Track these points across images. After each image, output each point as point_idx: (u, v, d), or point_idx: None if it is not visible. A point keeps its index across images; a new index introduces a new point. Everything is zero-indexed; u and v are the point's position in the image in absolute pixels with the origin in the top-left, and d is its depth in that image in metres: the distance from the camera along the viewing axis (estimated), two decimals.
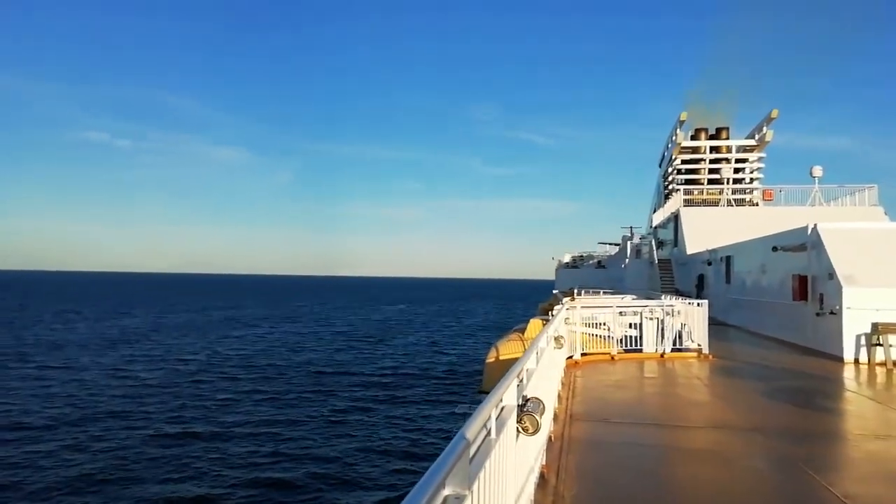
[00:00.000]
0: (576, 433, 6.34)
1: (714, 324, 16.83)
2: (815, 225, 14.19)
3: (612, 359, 12.06)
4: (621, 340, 12.46)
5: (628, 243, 39.30)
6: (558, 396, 7.46)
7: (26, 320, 53.03)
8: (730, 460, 5.68)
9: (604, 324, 12.49)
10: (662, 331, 12.64)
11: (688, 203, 33.94)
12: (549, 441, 5.58)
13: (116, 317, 59.27)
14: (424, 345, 40.81)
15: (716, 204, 34.17)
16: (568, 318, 10.93)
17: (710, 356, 12.57)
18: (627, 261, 37.13)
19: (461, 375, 28.27)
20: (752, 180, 35.96)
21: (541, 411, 3.26)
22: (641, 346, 12.52)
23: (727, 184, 34.70)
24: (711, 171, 36.15)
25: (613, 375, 10.53)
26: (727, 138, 37.58)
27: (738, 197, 34.89)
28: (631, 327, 12.71)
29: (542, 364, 4.71)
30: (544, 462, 5.04)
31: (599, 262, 49.44)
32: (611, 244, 50.71)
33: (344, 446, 16.49)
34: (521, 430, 3.14)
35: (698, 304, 13.23)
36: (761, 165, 35.78)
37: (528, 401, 3.27)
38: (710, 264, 24.70)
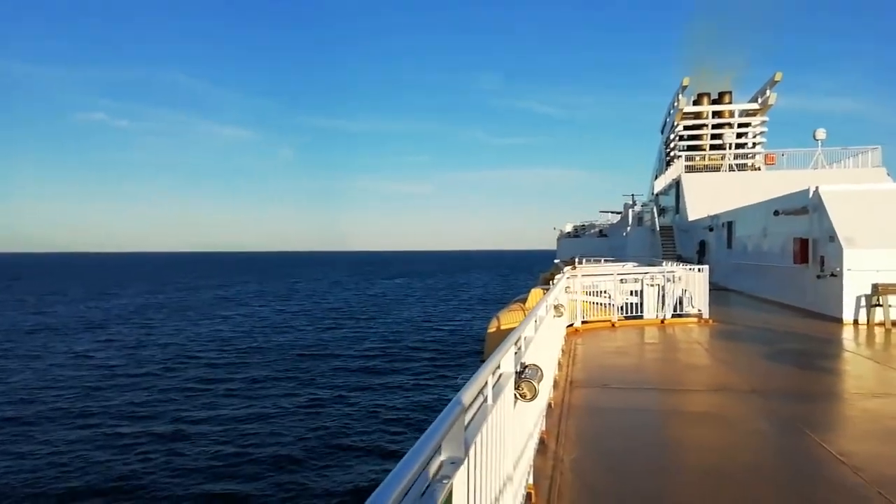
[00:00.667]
0: (576, 399, 6.43)
1: (716, 289, 16.91)
2: (817, 187, 14.12)
3: (613, 326, 12.15)
4: (622, 308, 12.53)
5: (630, 211, 39.20)
6: (558, 364, 7.54)
7: (5, 304, 50.37)
8: (729, 422, 5.77)
9: (605, 291, 12.54)
10: (663, 297, 12.70)
11: (689, 169, 33.73)
12: (549, 407, 5.66)
13: (101, 298, 56.57)
14: (421, 319, 39.19)
15: (718, 169, 33.96)
16: (569, 286, 10.97)
17: (711, 321, 12.65)
18: (629, 228, 37.08)
19: (461, 347, 27.48)
20: (754, 145, 35.67)
21: (539, 378, 3.29)
22: (642, 312, 12.60)
23: (729, 149, 34.41)
24: (714, 137, 35.83)
25: (614, 342, 10.62)
26: (730, 102, 37.15)
27: (740, 162, 34.63)
28: (632, 294, 12.77)
29: (541, 332, 4.75)
30: (544, 428, 5.12)
31: (601, 231, 49.42)
32: (612, 212, 50.65)
33: (337, 420, 15.83)
34: (518, 396, 3.18)
35: (699, 269, 13.26)
36: (764, 129, 35.43)
37: (527, 368, 3.31)
38: (711, 230, 24.66)
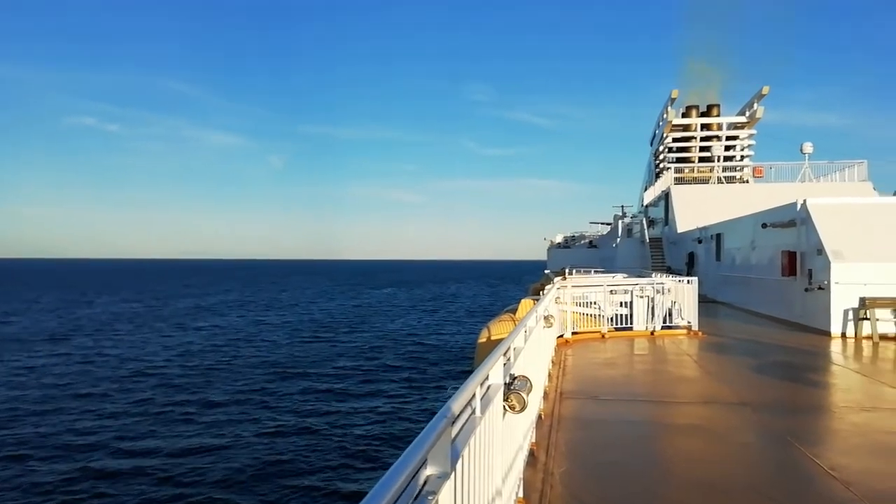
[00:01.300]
0: (565, 411, 6.37)
1: (704, 301, 16.96)
2: (805, 201, 14.24)
3: (603, 337, 12.12)
4: (612, 319, 12.52)
5: (619, 222, 39.41)
6: (548, 375, 7.48)
7: None
8: (719, 435, 5.73)
9: (594, 303, 12.54)
10: (653, 309, 12.71)
11: (679, 181, 33.98)
12: (538, 419, 5.60)
13: (73, 307, 52.92)
14: (408, 331, 37.53)
15: (706, 181, 34.23)
16: (559, 297, 10.95)
17: (700, 333, 12.66)
18: (619, 240, 37.25)
19: (445, 362, 26.03)
20: (742, 157, 36.03)
21: (528, 389, 3.24)
22: (632, 324, 12.60)
23: (718, 161, 34.74)
24: (702, 149, 36.18)
25: (604, 353, 10.58)
26: (718, 115, 37.56)
27: (728, 174, 34.96)
28: (622, 306, 12.77)
29: (530, 343, 4.70)
30: (534, 440, 5.06)
31: (591, 242, 49.61)
32: (602, 223, 50.93)
33: (316, 435, 14.91)
34: (507, 408, 3.13)
35: (688, 281, 13.29)
36: (752, 142, 35.84)
37: (516, 379, 3.26)
38: (700, 242, 24.80)
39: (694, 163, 36.07)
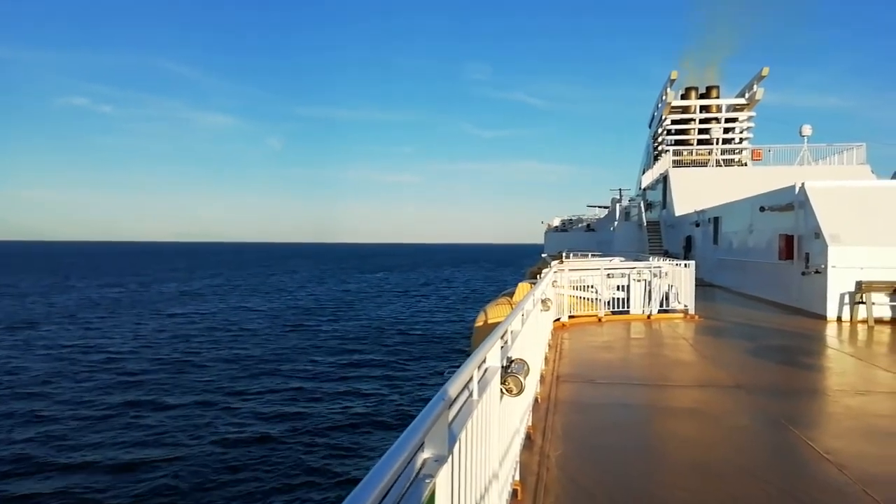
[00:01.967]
0: (562, 394, 6.39)
1: (702, 285, 16.99)
2: (803, 184, 14.20)
3: (600, 321, 12.15)
4: (609, 302, 12.54)
5: (617, 206, 39.34)
6: (545, 358, 7.50)
7: None
8: (714, 418, 5.76)
9: (591, 286, 12.54)
10: (650, 292, 12.72)
11: (677, 164, 33.85)
12: (535, 402, 5.62)
13: (51, 292, 50.02)
14: (404, 315, 37.39)
15: (705, 164, 34.12)
16: (556, 280, 10.94)
17: (697, 317, 12.69)
18: (616, 223, 37.23)
19: (443, 344, 26.51)
20: (741, 140, 35.85)
21: (525, 373, 3.23)
22: (629, 307, 12.62)
23: (717, 144, 34.58)
24: (701, 132, 35.97)
25: (600, 337, 10.61)
26: (717, 97, 37.29)
27: (727, 157, 34.83)
28: (618, 289, 12.78)
29: (528, 326, 4.69)
30: (530, 423, 5.07)
31: (589, 226, 49.55)
32: (600, 206, 50.79)
33: (313, 419, 14.83)
34: (504, 391, 3.12)
35: (685, 265, 13.29)
36: (751, 125, 35.62)
37: (513, 362, 3.25)
38: (697, 225, 24.79)
39: (692, 145, 35.89)
